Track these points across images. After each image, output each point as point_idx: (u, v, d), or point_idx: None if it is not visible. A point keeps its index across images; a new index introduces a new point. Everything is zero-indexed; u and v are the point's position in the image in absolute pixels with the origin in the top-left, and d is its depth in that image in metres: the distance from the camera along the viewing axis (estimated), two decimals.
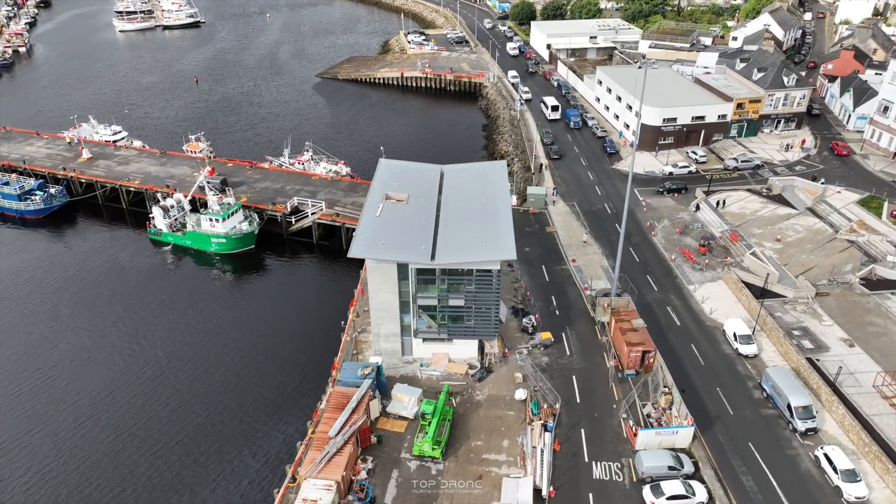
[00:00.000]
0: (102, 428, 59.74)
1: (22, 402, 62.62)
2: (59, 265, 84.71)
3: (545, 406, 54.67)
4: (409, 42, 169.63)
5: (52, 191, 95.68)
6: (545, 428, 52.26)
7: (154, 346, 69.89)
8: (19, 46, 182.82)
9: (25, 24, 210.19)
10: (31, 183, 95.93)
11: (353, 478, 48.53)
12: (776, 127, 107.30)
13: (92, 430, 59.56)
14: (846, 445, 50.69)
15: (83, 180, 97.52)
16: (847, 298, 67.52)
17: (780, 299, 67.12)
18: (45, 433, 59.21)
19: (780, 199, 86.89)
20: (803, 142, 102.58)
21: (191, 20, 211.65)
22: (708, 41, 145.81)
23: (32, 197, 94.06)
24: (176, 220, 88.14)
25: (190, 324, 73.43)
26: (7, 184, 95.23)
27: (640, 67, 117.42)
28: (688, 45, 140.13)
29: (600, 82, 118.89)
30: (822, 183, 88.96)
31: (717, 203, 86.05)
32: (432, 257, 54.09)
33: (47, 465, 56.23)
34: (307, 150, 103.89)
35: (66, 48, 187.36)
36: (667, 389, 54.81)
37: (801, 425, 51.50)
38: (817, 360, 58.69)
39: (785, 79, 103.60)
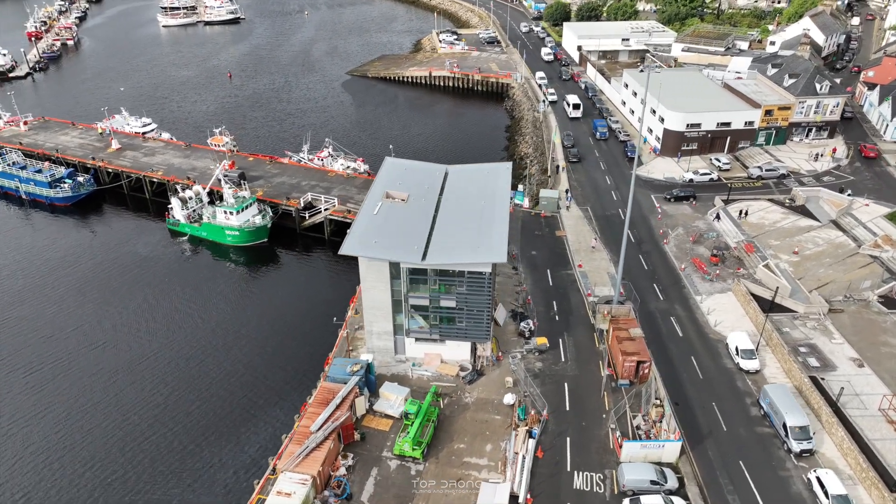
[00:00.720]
0: (112, 410, 61.61)
1: (38, 381, 65.05)
2: (81, 251, 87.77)
3: (532, 412, 54.02)
4: (440, 41, 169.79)
5: (81, 179, 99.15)
6: (530, 434, 51.69)
7: (167, 334, 71.66)
8: (67, 40, 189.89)
9: (76, 18, 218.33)
10: (62, 171, 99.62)
11: (332, 473, 48.86)
12: (807, 135, 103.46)
13: (102, 412, 61.49)
14: (843, 470, 48.57)
15: (110, 170, 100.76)
16: (862, 316, 64.70)
17: (790, 314, 64.76)
18: (57, 412, 61.36)
19: (803, 211, 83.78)
20: (834, 150, 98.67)
21: (231, 16, 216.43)
22: (744, 45, 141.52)
23: (62, 185, 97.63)
24: (194, 211, 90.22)
25: (201, 314, 75.05)
26: (39, 171, 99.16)
27: (642, 71, 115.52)
28: (722, 49, 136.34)
29: (626, 85, 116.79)
30: (849, 195, 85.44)
31: (740, 213, 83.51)
32: (424, 257, 53.99)
33: (56, 443, 58.26)
34: (326, 147, 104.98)
35: (111, 42, 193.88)
36: (658, 401, 53.49)
37: (796, 446, 49.59)
38: (822, 378, 56.41)
39: (818, 86, 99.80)
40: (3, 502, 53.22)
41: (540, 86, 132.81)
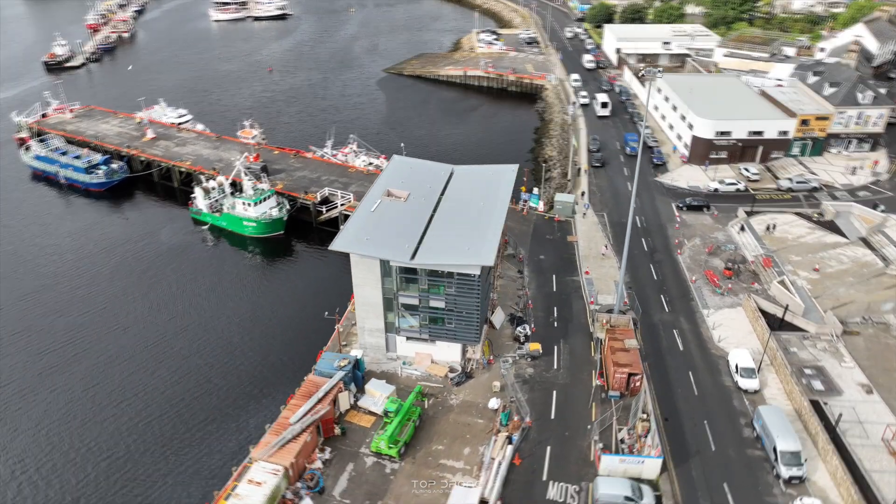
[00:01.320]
0: (125, 392, 63.71)
1: (55, 363, 67.70)
2: (110, 236, 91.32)
3: (516, 418, 53.37)
4: (478, 41, 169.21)
5: (115, 166, 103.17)
6: (509, 440, 51.11)
7: (182, 320, 73.73)
8: (123, 32, 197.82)
9: (134, 11, 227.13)
10: (98, 158, 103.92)
11: (308, 465, 49.42)
12: (846, 147, 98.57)
13: (117, 392, 63.69)
14: (833, 500, 46.19)
15: (142, 158, 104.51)
16: (879, 340, 61.30)
17: (800, 333, 61.93)
18: (75, 391, 63.91)
19: (831, 226, 79.92)
20: (875, 163, 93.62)
21: (279, 12, 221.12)
22: (791, 52, 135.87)
23: (97, 171, 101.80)
24: (216, 201, 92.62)
25: (216, 302, 77.00)
26: (78, 157, 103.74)
27: (642, 76, 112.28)
28: (766, 55, 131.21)
29: (659, 90, 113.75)
30: (883, 211, 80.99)
31: (768, 227, 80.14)
32: (413, 257, 53.96)
33: (68, 421, 60.62)
34: (350, 143, 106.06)
35: (164, 35, 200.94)
36: (645, 416, 52.01)
37: (785, 472, 47.41)
38: (825, 403, 53.74)
39: (859, 95, 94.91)
40: (16, 474, 55.83)
41: (575, 89, 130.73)
